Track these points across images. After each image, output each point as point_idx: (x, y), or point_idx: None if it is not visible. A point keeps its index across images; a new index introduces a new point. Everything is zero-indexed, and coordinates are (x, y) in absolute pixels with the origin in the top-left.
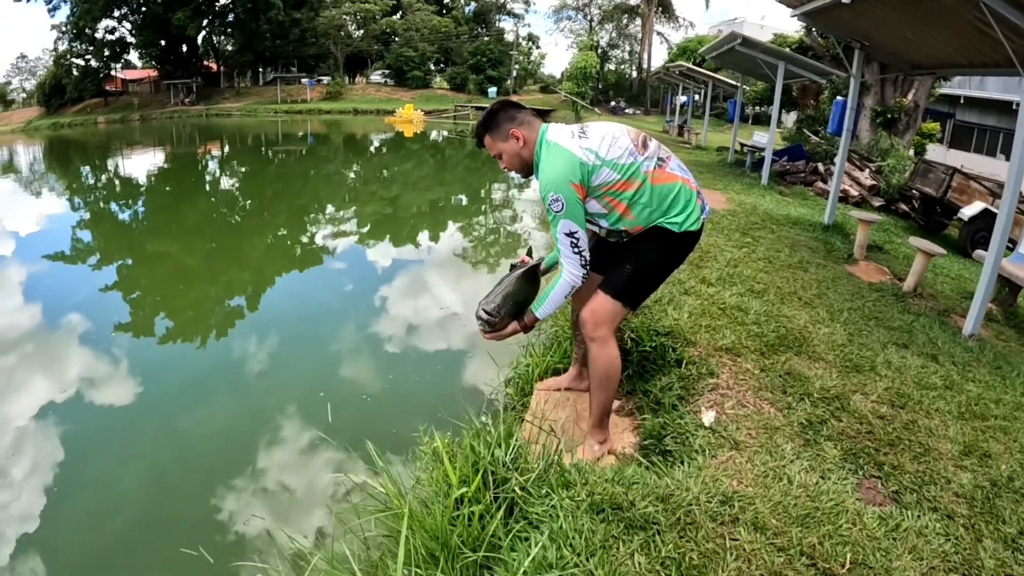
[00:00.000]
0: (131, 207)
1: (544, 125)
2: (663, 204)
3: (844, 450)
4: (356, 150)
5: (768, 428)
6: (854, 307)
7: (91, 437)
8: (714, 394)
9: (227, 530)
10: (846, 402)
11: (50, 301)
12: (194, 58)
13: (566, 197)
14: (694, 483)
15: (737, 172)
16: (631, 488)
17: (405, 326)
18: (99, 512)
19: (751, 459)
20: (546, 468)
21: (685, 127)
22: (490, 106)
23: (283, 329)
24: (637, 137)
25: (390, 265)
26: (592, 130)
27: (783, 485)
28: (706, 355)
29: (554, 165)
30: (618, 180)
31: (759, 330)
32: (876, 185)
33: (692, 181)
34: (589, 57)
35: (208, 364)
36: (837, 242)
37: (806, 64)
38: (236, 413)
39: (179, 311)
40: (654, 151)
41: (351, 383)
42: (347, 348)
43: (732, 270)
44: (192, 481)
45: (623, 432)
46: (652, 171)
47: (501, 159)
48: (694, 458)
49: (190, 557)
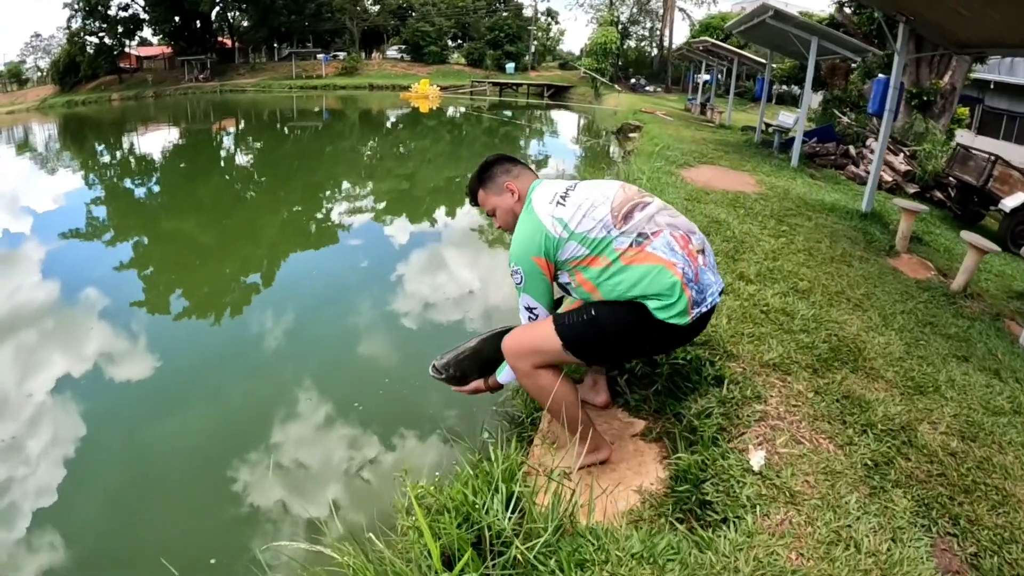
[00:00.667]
0: (146, 184)
1: (535, 181)
2: (634, 285)
3: (915, 499)
4: (372, 126)
5: (829, 473)
6: (906, 310)
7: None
8: (763, 425)
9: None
10: (912, 434)
11: (67, 278)
12: (208, 34)
13: (525, 271)
14: (744, 561)
15: (764, 153)
16: (665, 571)
17: (408, 322)
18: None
19: (811, 519)
20: (556, 530)
21: (708, 105)
22: (485, 159)
23: (278, 321)
24: (623, 206)
25: (401, 246)
26: (574, 196)
27: (850, 556)
28: (751, 373)
29: (521, 233)
30: (585, 255)
31: (809, 340)
32: (911, 171)
33: (681, 265)
34: (609, 32)
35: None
36: (876, 232)
37: (841, 40)
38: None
39: (194, 288)
40: (636, 225)
41: (344, 387)
42: (347, 343)
43: (772, 264)
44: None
45: (650, 462)
46: (626, 249)
47: (495, 216)
48: (742, 517)
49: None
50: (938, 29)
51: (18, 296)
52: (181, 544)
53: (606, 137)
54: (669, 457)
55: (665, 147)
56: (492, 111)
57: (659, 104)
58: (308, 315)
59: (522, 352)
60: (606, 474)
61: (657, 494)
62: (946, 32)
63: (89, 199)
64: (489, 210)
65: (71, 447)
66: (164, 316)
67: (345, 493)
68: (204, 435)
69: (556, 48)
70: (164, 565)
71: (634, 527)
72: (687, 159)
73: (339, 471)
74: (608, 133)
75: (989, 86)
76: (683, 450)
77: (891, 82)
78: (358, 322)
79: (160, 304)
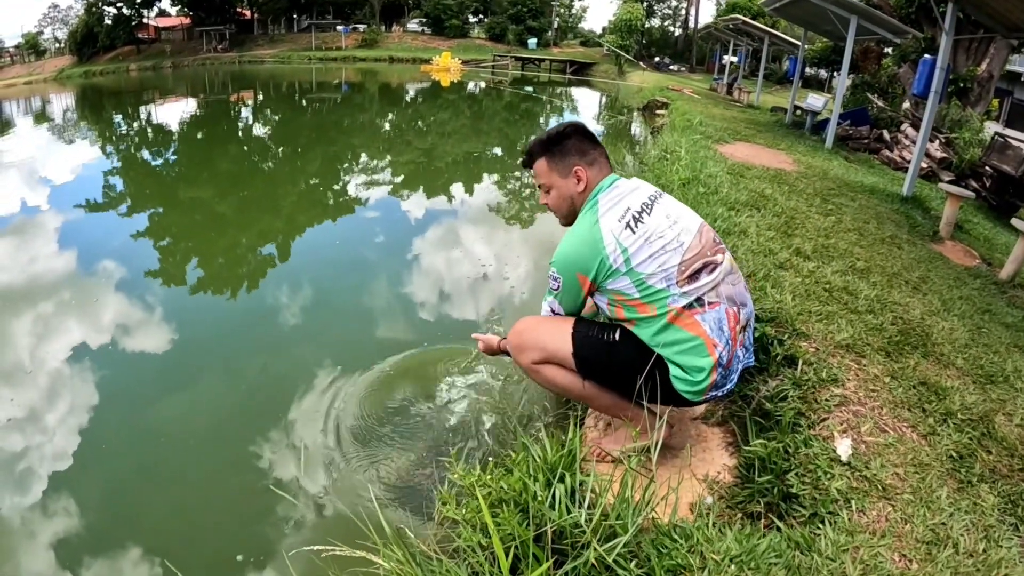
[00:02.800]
0: (163, 155)
1: (611, 176)
2: (667, 348)
3: (1001, 495)
4: (391, 99)
5: (918, 465)
6: (963, 296)
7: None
8: (844, 411)
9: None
10: (991, 426)
11: (82, 248)
12: (227, 4)
13: (566, 283)
14: (850, 563)
15: (797, 134)
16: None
17: (435, 290)
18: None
19: (907, 514)
20: (637, 533)
21: (735, 85)
22: (561, 126)
23: (294, 296)
24: (693, 260)
25: (422, 217)
26: (648, 222)
27: (950, 557)
28: (824, 354)
29: (575, 242)
30: (634, 297)
31: (876, 321)
32: (947, 158)
33: (720, 347)
34: (635, 9)
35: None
36: (918, 217)
37: (881, 20)
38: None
39: (209, 259)
40: (698, 288)
41: (369, 354)
42: (372, 312)
43: (825, 241)
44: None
45: (715, 448)
46: (679, 309)
47: (548, 193)
48: (837, 513)
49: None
50: (988, 10)
51: (30, 267)
52: (195, 538)
53: (628, 115)
54: (736, 443)
55: (698, 123)
56: (514, 86)
57: (684, 83)
58: (325, 288)
59: (525, 346)
60: (667, 461)
61: (725, 483)
62: (998, 13)
63: (106, 168)
64: (543, 183)
65: (80, 423)
66: (180, 287)
67: (377, 485)
68: (220, 415)
69: (578, 25)
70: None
71: (726, 525)
72: (721, 135)
73: (367, 459)
74: (633, 111)
75: (1020, 79)
76: (755, 436)
77: (938, 63)
78: (375, 296)
79: (176, 275)
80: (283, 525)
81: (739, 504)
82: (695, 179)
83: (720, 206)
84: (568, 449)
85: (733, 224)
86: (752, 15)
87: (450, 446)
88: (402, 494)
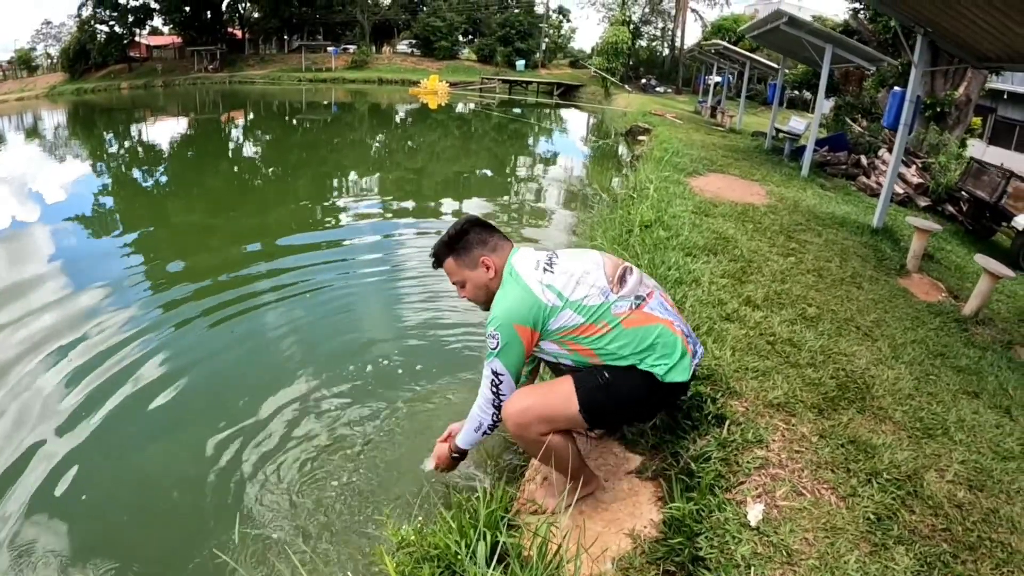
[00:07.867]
0: (153, 174)
1: (514, 248)
2: (639, 349)
3: (917, 558)
4: (381, 120)
5: (830, 529)
6: (917, 339)
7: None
8: (763, 474)
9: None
10: (919, 483)
11: (69, 263)
12: (218, 24)
13: (505, 339)
14: None
15: (775, 160)
16: None
17: (405, 327)
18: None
19: None
20: None
21: (719, 108)
22: (457, 224)
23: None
24: (614, 271)
25: (411, 239)
26: (562, 263)
27: None
28: (753, 413)
29: (507, 301)
30: (581, 324)
31: (816, 375)
32: (923, 183)
33: (677, 323)
34: (621, 32)
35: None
36: (887, 249)
37: (856, 49)
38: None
39: (197, 275)
40: (632, 288)
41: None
42: (332, 356)
43: (780, 287)
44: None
45: (645, 503)
46: (627, 312)
47: (463, 288)
48: None
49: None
50: (958, 41)
51: (15, 282)
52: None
53: (615, 138)
54: (665, 498)
55: (674, 153)
56: (501, 108)
57: (669, 106)
58: (304, 328)
59: (533, 419)
60: (599, 513)
61: (650, 538)
62: (967, 44)
63: (96, 187)
64: (456, 280)
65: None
66: (167, 303)
67: (322, 533)
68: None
69: (567, 46)
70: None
71: None
72: (696, 166)
73: (322, 501)
74: (617, 134)
75: (1003, 96)
76: (679, 495)
77: (907, 95)
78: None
79: (162, 292)
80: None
81: (658, 560)
82: (659, 220)
83: (677, 252)
84: (492, 509)
85: (687, 272)
86: (735, 39)
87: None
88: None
